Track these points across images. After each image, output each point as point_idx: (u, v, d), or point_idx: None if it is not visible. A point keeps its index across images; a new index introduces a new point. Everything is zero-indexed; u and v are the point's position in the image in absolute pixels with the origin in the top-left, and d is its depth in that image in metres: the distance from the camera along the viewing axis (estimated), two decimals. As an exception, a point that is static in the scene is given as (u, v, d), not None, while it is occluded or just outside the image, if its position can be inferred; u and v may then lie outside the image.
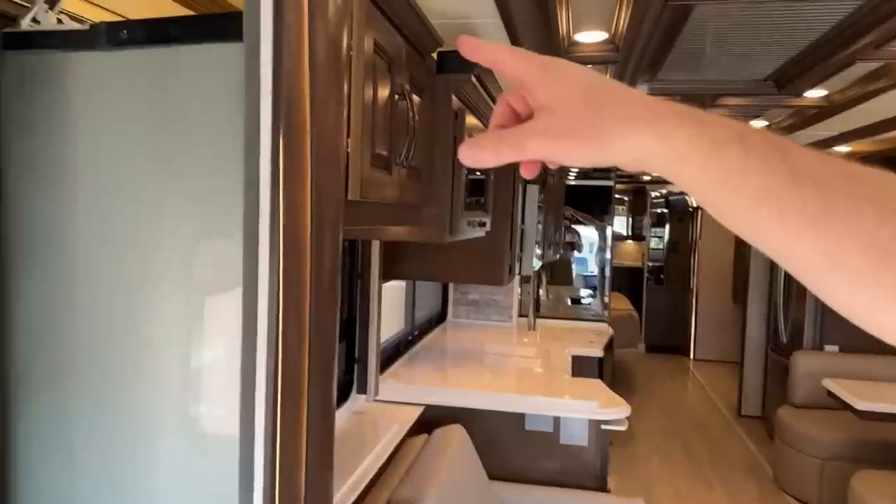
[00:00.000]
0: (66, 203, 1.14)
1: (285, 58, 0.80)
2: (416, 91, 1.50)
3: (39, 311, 1.16)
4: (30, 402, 1.17)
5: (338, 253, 0.91)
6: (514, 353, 3.62)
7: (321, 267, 0.87)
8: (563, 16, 2.00)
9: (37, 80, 1.14)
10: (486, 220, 2.19)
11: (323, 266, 0.87)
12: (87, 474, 1.14)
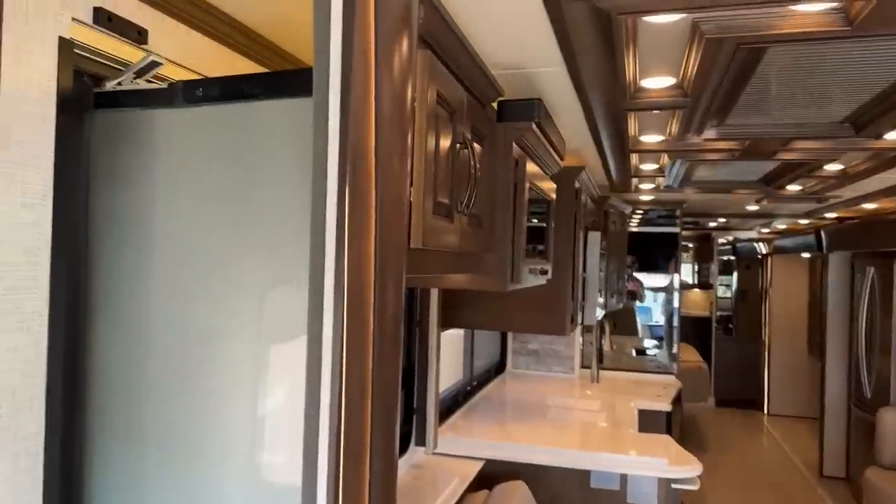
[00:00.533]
0: (144, 254, 1.19)
1: (352, 111, 0.81)
2: (477, 140, 1.51)
3: (116, 360, 1.20)
4: (104, 447, 1.20)
5: (401, 301, 0.91)
6: (577, 407, 3.51)
7: (384, 315, 0.86)
8: (629, 62, 2.00)
9: (120, 137, 1.21)
10: (548, 267, 2.16)
11: (386, 314, 0.87)
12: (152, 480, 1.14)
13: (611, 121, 2.68)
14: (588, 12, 1.54)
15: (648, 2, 1.43)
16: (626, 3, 1.45)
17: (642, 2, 1.44)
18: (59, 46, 1.18)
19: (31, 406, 1.16)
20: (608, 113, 2.54)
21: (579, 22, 1.59)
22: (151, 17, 1.38)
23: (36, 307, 1.16)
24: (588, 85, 2.12)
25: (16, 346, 1.12)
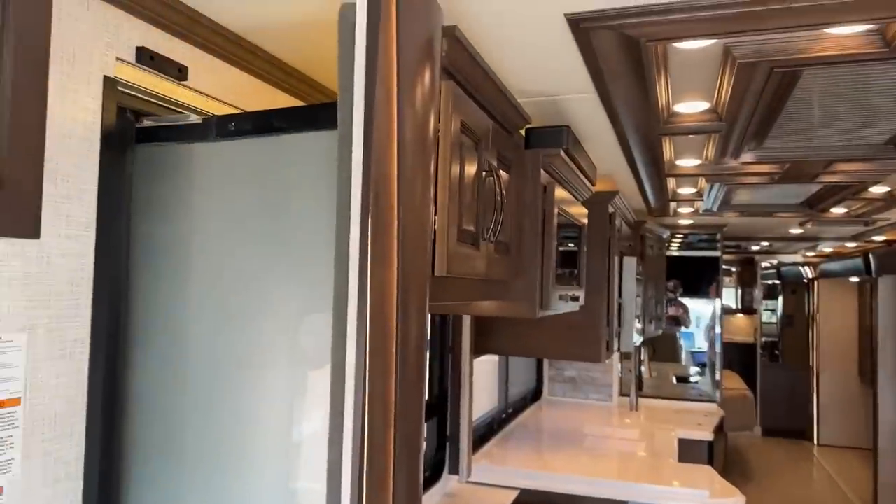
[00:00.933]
0: (181, 283, 1.22)
1: (375, 143, 0.83)
2: (503, 167, 1.52)
3: (154, 386, 1.24)
4: (142, 472, 1.23)
5: (424, 328, 0.91)
6: (614, 435, 3.44)
7: (407, 342, 0.86)
8: (661, 87, 1.99)
9: (159, 170, 1.26)
10: (580, 293, 2.14)
11: (409, 342, 0.87)
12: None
13: (645, 145, 2.67)
14: (616, 40, 1.54)
15: (677, 28, 1.43)
16: (655, 30, 1.45)
17: (671, 29, 1.44)
18: (103, 85, 1.23)
19: (71, 432, 1.19)
20: (642, 138, 2.52)
21: (608, 49, 1.60)
22: (191, 54, 1.44)
23: (78, 335, 1.20)
24: (620, 110, 2.12)
25: (59, 372, 1.17)
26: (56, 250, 1.16)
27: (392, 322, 0.84)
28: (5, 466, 1.08)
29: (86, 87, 1.20)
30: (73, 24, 1.17)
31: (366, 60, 0.85)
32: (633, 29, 1.46)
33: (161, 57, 1.35)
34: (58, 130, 1.15)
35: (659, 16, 1.37)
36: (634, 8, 1.36)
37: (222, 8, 1.40)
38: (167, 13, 1.35)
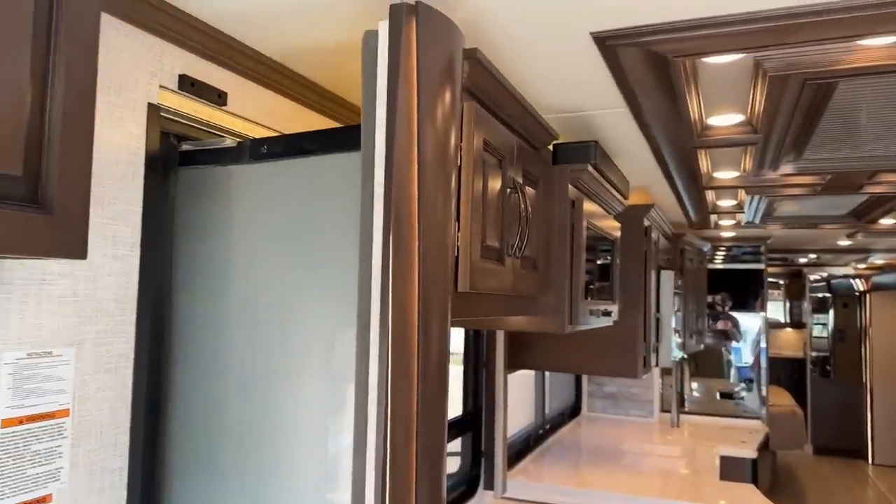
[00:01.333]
0: (220, 299, 1.28)
1: (396, 163, 0.86)
2: (529, 183, 1.53)
3: (194, 399, 1.29)
4: (182, 478, 1.28)
5: (446, 343, 0.93)
6: (654, 452, 3.38)
7: (429, 357, 0.89)
8: (693, 101, 1.98)
9: (199, 191, 1.32)
10: (613, 308, 2.12)
11: (430, 356, 0.90)
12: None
13: (680, 158, 2.65)
14: (643, 56, 1.55)
15: (704, 44, 1.43)
16: (682, 46, 1.45)
17: (698, 45, 1.44)
18: (147, 111, 1.30)
19: (115, 442, 1.25)
20: (676, 151, 2.50)
21: (636, 65, 1.61)
22: (231, 80, 1.51)
23: (123, 350, 1.26)
24: (652, 124, 2.11)
25: (104, 386, 1.22)
26: (103, 269, 1.22)
27: (413, 337, 0.86)
28: (54, 474, 1.14)
29: (131, 113, 1.27)
30: (119, 54, 1.24)
31: (387, 85, 0.88)
32: (660, 45, 1.46)
33: (202, 83, 1.42)
34: (105, 156, 1.21)
35: (684, 32, 1.38)
36: (659, 25, 1.37)
37: (259, 36, 1.46)
38: (207, 42, 1.42)
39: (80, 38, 0.86)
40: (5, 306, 1.05)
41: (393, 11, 0.92)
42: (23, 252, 0.79)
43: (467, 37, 1.42)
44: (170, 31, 1.33)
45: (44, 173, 0.81)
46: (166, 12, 1.30)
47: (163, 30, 1.32)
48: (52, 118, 0.82)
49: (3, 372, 1.05)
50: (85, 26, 0.86)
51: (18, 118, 0.78)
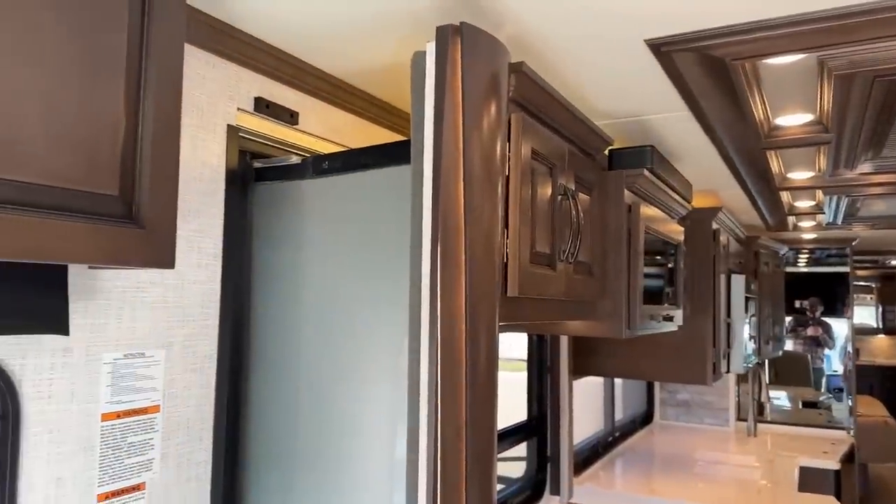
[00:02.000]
0: (292, 304, 1.37)
1: (443, 174, 0.92)
2: (583, 189, 1.56)
3: (271, 397, 1.38)
4: (260, 474, 1.37)
5: (494, 347, 0.97)
6: (729, 461, 3.28)
7: (477, 361, 0.93)
8: (756, 101, 1.94)
9: (271, 205, 1.42)
10: (676, 313, 2.10)
11: (479, 361, 0.94)
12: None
13: (749, 160, 2.58)
14: (700, 60, 1.55)
15: (762, 46, 1.41)
16: (739, 49, 1.44)
17: (755, 47, 1.42)
18: (227, 132, 1.41)
19: (201, 437, 1.36)
20: (744, 152, 2.45)
21: (693, 70, 1.60)
22: (301, 100, 1.61)
23: (207, 351, 1.37)
24: (716, 127, 2.08)
25: (190, 384, 1.33)
26: (189, 278, 1.33)
27: (461, 342, 0.91)
28: (147, 465, 1.25)
29: (212, 135, 1.38)
30: (201, 81, 1.36)
31: (434, 102, 0.94)
32: (716, 50, 1.46)
33: (275, 104, 1.52)
34: (190, 174, 1.33)
35: (740, 35, 1.37)
36: (714, 30, 1.37)
37: (326, 57, 1.56)
38: (279, 65, 1.53)
39: (167, 69, 0.96)
40: (105, 312, 1.17)
41: (439, 33, 0.98)
42: (120, 263, 0.90)
43: (519, 50, 1.46)
44: (246, 57, 1.45)
45: (137, 192, 0.92)
46: (242, 40, 1.42)
47: (239, 56, 1.43)
48: (143, 143, 0.93)
49: (103, 371, 1.17)
50: (171, 59, 0.97)
51: (114, 144, 0.89)
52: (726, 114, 1.97)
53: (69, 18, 0.84)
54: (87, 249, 0.85)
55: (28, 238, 0.78)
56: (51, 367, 1.08)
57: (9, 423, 1.01)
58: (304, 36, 1.43)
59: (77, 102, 0.85)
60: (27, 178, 0.79)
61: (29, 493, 1.05)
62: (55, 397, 1.09)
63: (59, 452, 1.09)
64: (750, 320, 3.22)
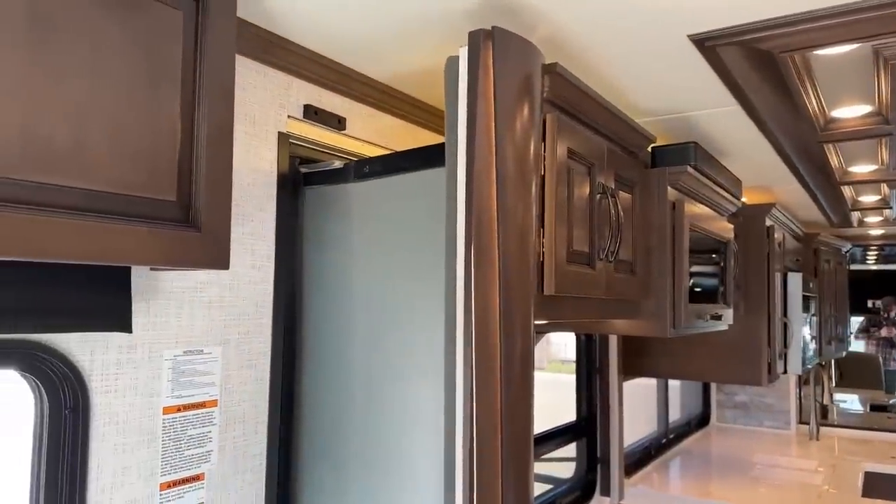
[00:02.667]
0: (340, 302, 1.41)
1: (476, 177, 0.94)
2: (624, 188, 1.55)
3: (322, 393, 1.43)
4: (313, 467, 1.42)
5: (529, 344, 0.99)
6: (788, 465, 3.18)
7: (511, 358, 0.95)
8: (810, 94, 1.89)
9: (317, 208, 1.47)
10: (725, 312, 2.05)
11: (513, 357, 0.95)
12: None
13: (806, 154, 2.50)
14: (747, 54, 1.52)
15: (809, 37, 1.38)
16: (786, 41, 1.41)
17: (803, 39, 1.39)
18: (278, 140, 1.47)
19: (256, 430, 1.41)
20: (799, 146, 2.38)
21: (740, 64, 1.57)
22: (348, 106, 1.66)
23: (261, 348, 1.43)
24: (769, 121, 2.03)
25: (246, 380, 1.40)
26: (244, 278, 1.39)
27: (496, 339, 0.93)
28: (206, 457, 1.32)
29: (264, 142, 1.44)
30: (254, 91, 1.42)
31: (467, 106, 0.97)
32: (763, 43, 1.43)
33: (323, 111, 1.58)
34: (243, 180, 1.39)
35: (787, 28, 1.34)
36: (759, 23, 1.34)
37: (372, 64, 1.60)
38: (327, 73, 1.58)
39: (220, 79, 1.02)
40: (165, 311, 1.24)
41: (471, 38, 1.00)
42: (178, 264, 0.96)
43: (557, 51, 1.47)
44: (295, 66, 1.50)
45: (193, 197, 0.98)
46: (292, 50, 1.47)
47: (289, 66, 1.49)
48: (199, 150, 0.99)
49: (164, 367, 1.24)
50: (223, 69, 1.02)
51: (172, 152, 0.95)
52: (778, 108, 1.93)
53: (130, 34, 0.90)
54: (148, 252, 0.91)
55: (93, 241, 0.84)
56: (116, 362, 1.15)
57: (79, 414, 1.08)
58: (349, 44, 1.48)
59: (138, 113, 0.91)
60: (93, 186, 0.86)
61: (98, 480, 1.12)
62: (120, 391, 1.16)
63: (125, 443, 1.16)
64: (810, 320, 3.11)
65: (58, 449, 1.07)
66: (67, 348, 1.07)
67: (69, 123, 0.83)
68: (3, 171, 0.77)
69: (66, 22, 0.84)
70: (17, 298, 0.96)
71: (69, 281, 1.02)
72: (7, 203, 0.78)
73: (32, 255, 0.79)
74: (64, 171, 0.83)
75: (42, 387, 1.05)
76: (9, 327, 0.95)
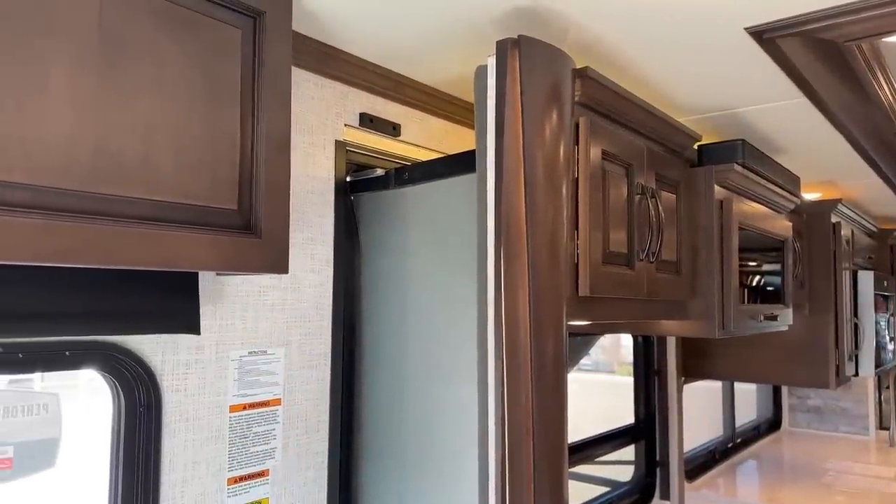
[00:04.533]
0: (394, 305, 1.44)
1: (505, 181, 0.97)
2: (667, 188, 1.53)
3: (379, 392, 1.46)
4: (372, 465, 1.46)
5: (561, 344, 1.00)
6: (863, 472, 3.02)
7: (542, 358, 0.96)
8: (882, 84, 1.80)
9: (367, 214, 1.52)
10: (782, 312, 1.98)
11: (544, 357, 0.97)
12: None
13: (884, 147, 2.39)
14: (810, 44, 1.47)
15: (876, 25, 1.31)
16: (850, 30, 1.35)
17: (868, 27, 1.32)
18: (335, 148, 1.52)
19: (318, 428, 1.46)
20: (875, 139, 2.26)
21: (803, 55, 1.51)
22: (402, 112, 1.70)
23: (322, 350, 1.48)
24: (840, 113, 1.94)
25: (308, 380, 1.45)
26: (305, 282, 1.45)
27: (525, 339, 0.94)
28: (270, 453, 1.37)
29: (322, 151, 1.49)
30: (311, 101, 1.47)
31: (495, 113, 0.99)
32: (825, 32, 1.37)
33: (378, 118, 1.62)
34: (303, 187, 1.45)
35: (849, 16, 1.29)
36: (819, 12, 1.29)
37: (424, 70, 1.63)
38: (381, 81, 1.62)
39: (278, 92, 1.07)
40: (231, 314, 1.30)
41: (499, 47, 1.03)
42: (240, 269, 1.01)
43: (599, 55, 1.48)
44: (350, 76, 1.55)
45: (253, 206, 1.03)
46: (347, 61, 1.52)
47: (345, 76, 1.54)
48: (258, 161, 1.04)
49: (230, 367, 1.30)
50: (280, 82, 1.08)
51: (232, 164, 1.01)
52: (849, 99, 1.84)
53: (191, 53, 0.96)
54: (211, 258, 0.97)
55: (161, 249, 0.91)
56: (186, 363, 1.22)
57: (152, 411, 1.15)
58: (400, 51, 1.51)
59: (200, 127, 0.97)
60: (159, 197, 0.92)
61: (170, 473, 1.19)
62: (190, 390, 1.22)
63: (195, 439, 1.23)
64: (889, 320, 2.96)
65: (133, 444, 1.14)
66: (140, 349, 1.14)
67: (136, 139, 0.90)
68: (78, 185, 0.84)
69: (134, 44, 0.90)
70: (95, 303, 1.03)
71: (141, 286, 1.09)
72: (82, 214, 0.84)
73: (106, 262, 0.86)
74: (132, 184, 0.89)
75: (119, 386, 1.13)
76: (87, 329, 1.03)
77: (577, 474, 2.27)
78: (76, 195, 0.84)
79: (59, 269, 0.99)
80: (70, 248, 0.82)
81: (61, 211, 0.82)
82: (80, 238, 0.83)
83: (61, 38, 0.83)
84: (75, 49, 0.84)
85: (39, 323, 0.97)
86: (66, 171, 0.83)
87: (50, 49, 0.82)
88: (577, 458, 2.14)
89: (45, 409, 2.13)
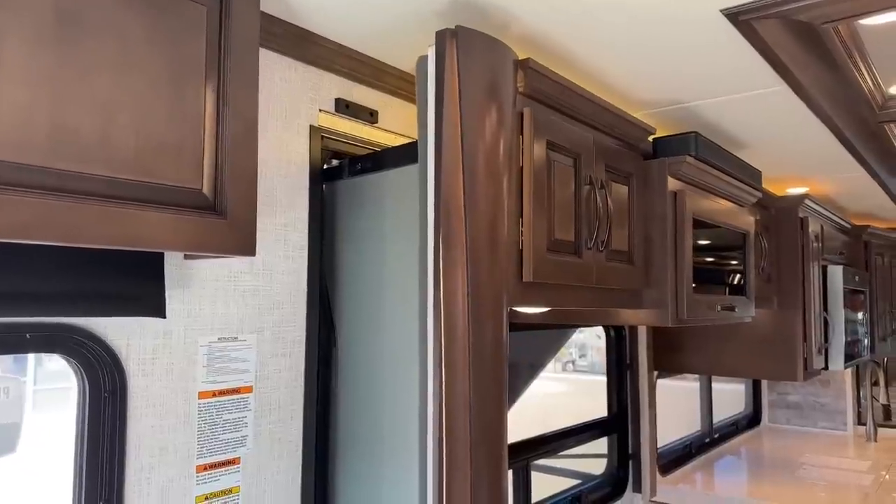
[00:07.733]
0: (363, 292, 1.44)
1: (444, 171, 1.00)
2: (618, 179, 1.55)
3: (352, 380, 1.45)
4: (347, 456, 1.46)
5: (501, 327, 1.03)
6: (837, 466, 3.06)
7: (481, 340, 0.98)
8: (862, 70, 1.78)
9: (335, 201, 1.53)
10: (741, 304, 2.01)
11: (483, 339, 0.99)
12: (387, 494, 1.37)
13: (866, 136, 2.34)
14: (787, 26, 1.43)
15: (853, 5, 1.29)
16: (826, 10, 1.29)
17: (845, 7, 1.29)
18: (310, 133, 1.50)
19: (291, 417, 1.45)
20: (860, 128, 2.23)
21: (781, 38, 1.46)
22: (380, 99, 1.68)
23: (296, 337, 1.46)
24: (823, 101, 1.90)
25: (281, 368, 1.43)
26: (278, 268, 1.43)
27: (464, 322, 0.96)
28: (241, 441, 1.36)
29: (296, 136, 1.48)
30: (285, 85, 1.46)
31: (434, 104, 1.00)
32: (801, 13, 1.32)
33: (355, 105, 1.60)
34: (277, 172, 1.43)
35: (824, -5, 1.26)
36: (794, -10, 1.27)
37: (404, 57, 1.61)
38: (359, 67, 1.60)
39: (244, 73, 1.05)
40: (200, 299, 1.28)
41: (438, 37, 1.04)
42: (204, 250, 1.00)
43: (555, 48, 1.47)
44: (325, 60, 1.53)
45: (219, 186, 1.02)
46: (322, 45, 1.50)
47: (320, 60, 1.52)
48: (224, 141, 1.02)
49: (199, 353, 1.28)
50: (247, 63, 1.06)
51: (197, 143, 0.99)
52: (828, 85, 1.79)
53: (154, 29, 0.94)
54: (175, 238, 0.95)
55: (122, 228, 0.89)
56: (153, 348, 1.20)
57: (117, 396, 1.13)
58: (375, 37, 1.49)
59: (163, 106, 0.95)
60: (121, 175, 0.90)
61: (136, 459, 1.17)
62: (156, 375, 1.20)
63: (161, 425, 1.21)
64: (864, 316, 2.99)
65: (98, 428, 1.12)
66: (104, 333, 1.12)
67: (96, 115, 0.87)
68: (33, 160, 0.82)
69: (93, 19, 0.88)
70: (57, 284, 1.02)
71: (105, 268, 1.07)
72: (37, 189, 0.82)
73: (64, 239, 0.84)
74: (91, 161, 0.87)
75: (83, 370, 1.11)
76: (49, 310, 1.01)
77: (548, 467, 2.28)
78: (31, 170, 0.82)
79: (18, 248, 0.97)
80: (25, 224, 0.80)
81: (15, 185, 0.81)
82: (35, 213, 0.81)
83: (15, 11, 0.81)
84: (30, 23, 0.82)
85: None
86: (20, 146, 0.81)
87: (2, 22, 0.80)
88: (547, 449, 2.15)
89: (6, 393, 2.10)
